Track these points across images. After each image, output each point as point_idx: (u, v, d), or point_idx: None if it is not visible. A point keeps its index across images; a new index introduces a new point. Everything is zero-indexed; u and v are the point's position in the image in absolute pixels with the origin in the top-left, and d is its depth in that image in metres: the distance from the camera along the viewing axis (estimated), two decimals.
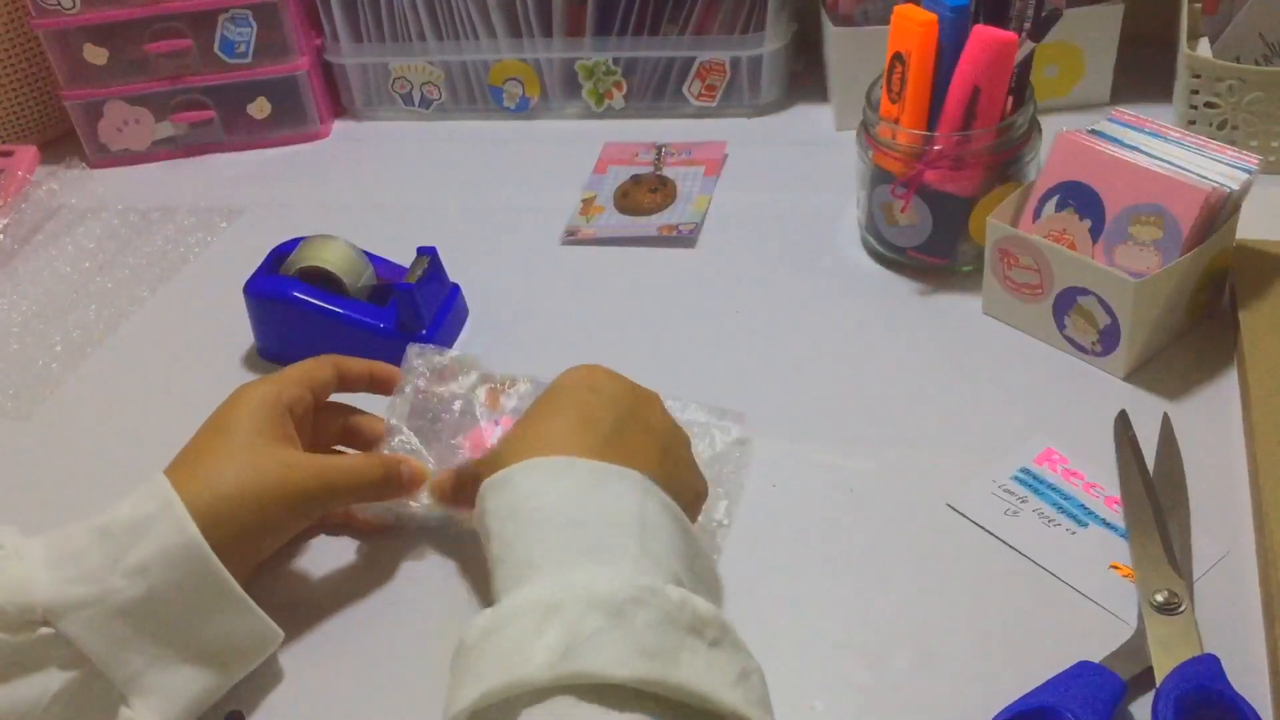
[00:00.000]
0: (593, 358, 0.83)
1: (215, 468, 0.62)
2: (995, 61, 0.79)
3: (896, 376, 0.79)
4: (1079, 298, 0.76)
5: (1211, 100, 0.91)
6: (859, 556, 0.67)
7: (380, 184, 1.08)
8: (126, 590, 0.57)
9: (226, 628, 0.60)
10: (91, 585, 0.57)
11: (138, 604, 0.57)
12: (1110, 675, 0.57)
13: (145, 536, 0.58)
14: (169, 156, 1.14)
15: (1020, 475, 0.70)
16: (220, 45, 1.09)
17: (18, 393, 0.87)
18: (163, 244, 1.01)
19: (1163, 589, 0.61)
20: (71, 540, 0.58)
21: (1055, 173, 0.78)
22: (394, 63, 1.13)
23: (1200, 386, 0.75)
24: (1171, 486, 0.67)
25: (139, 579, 0.57)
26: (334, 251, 0.85)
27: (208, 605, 0.59)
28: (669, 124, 1.10)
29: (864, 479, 0.71)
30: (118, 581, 0.57)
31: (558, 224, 0.98)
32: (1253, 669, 0.58)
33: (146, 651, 0.58)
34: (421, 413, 0.71)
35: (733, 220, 0.96)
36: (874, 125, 0.85)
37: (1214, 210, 0.73)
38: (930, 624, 0.63)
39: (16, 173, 1.08)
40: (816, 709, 0.59)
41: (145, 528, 0.58)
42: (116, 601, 0.57)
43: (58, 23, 1.07)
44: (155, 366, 0.88)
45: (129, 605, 0.57)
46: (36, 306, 0.95)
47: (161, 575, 0.58)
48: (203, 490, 0.60)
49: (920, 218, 0.84)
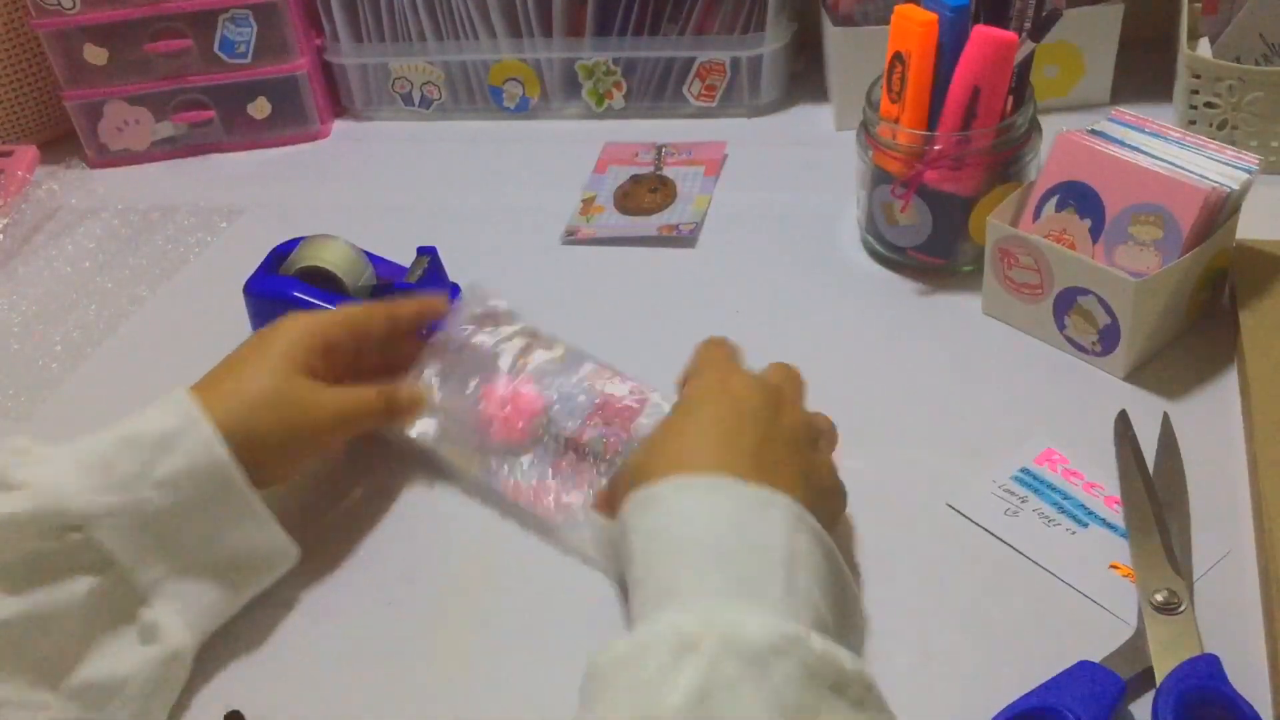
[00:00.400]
0: None
1: (243, 386, 0.65)
2: (995, 61, 0.79)
3: (896, 376, 0.79)
4: (1079, 298, 0.76)
5: (1211, 100, 0.91)
6: (859, 556, 0.67)
7: (380, 184, 1.08)
8: (155, 501, 0.60)
9: (247, 541, 0.64)
10: (123, 494, 0.60)
11: (165, 515, 0.60)
12: (1110, 675, 0.57)
13: (174, 451, 0.61)
14: (169, 156, 1.14)
15: (1020, 475, 0.70)
16: (220, 45, 1.09)
17: (18, 393, 0.87)
18: (163, 244, 1.01)
19: (1163, 589, 0.61)
20: (99, 448, 0.61)
21: (1055, 173, 0.78)
22: (394, 63, 1.13)
23: (1200, 386, 0.75)
24: (1171, 486, 0.67)
25: (169, 491, 0.60)
26: (334, 251, 0.84)
27: (231, 520, 0.63)
28: (669, 124, 1.10)
29: (864, 479, 0.71)
30: (148, 492, 0.60)
31: (558, 224, 0.98)
32: (1253, 669, 0.58)
33: (169, 559, 0.61)
34: (453, 350, 0.74)
35: (733, 220, 0.96)
36: (874, 125, 0.85)
37: (1214, 210, 0.73)
38: (930, 624, 0.63)
39: (16, 173, 1.08)
40: None
41: (173, 442, 0.61)
42: (146, 511, 0.60)
43: (58, 23, 1.07)
44: (155, 366, 0.88)
45: (157, 516, 0.60)
46: (36, 306, 0.95)
47: (190, 490, 0.61)
48: (229, 407, 0.63)
49: (920, 218, 0.84)
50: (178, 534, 0.61)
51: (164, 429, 0.62)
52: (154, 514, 0.60)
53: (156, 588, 0.61)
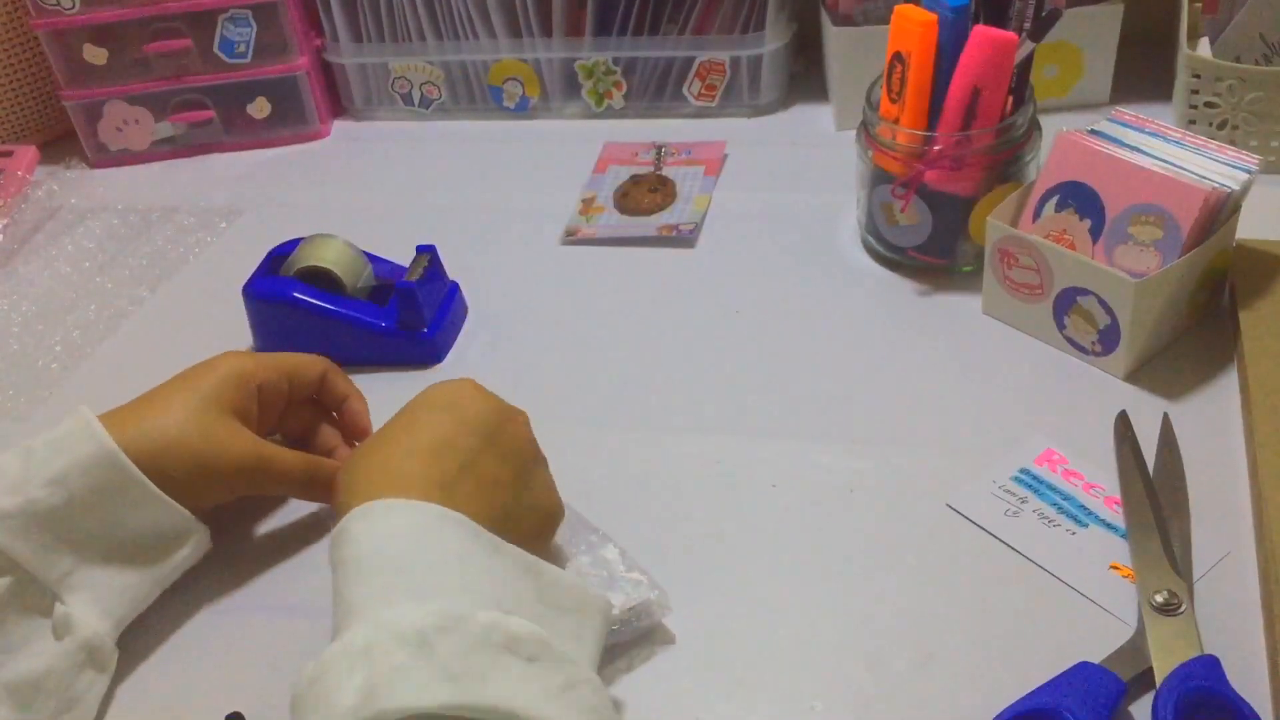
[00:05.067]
0: (592, 357, 0.84)
1: (154, 413, 0.65)
2: (995, 61, 0.79)
3: (896, 376, 0.79)
4: (1079, 298, 0.76)
5: (1211, 100, 0.91)
6: (859, 556, 0.67)
7: (380, 184, 1.08)
8: (47, 499, 0.61)
9: (149, 524, 0.64)
10: (14, 497, 0.61)
11: (59, 510, 0.62)
12: (1110, 676, 0.57)
13: (63, 451, 0.62)
14: (169, 156, 1.14)
15: (1020, 475, 0.70)
16: (220, 45, 1.09)
17: (18, 393, 0.87)
18: (163, 244, 1.01)
19: (1163, 589, 0.61)
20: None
21: (1055, 173, 0.78)
22: (394, 63, 1.13)
23: (1200, 386, 0.75)
24: (1171, 486, 0.67)
25: (58, 488, 0.62)
26: (333, 251, 0.85)
27: (128, 506, 0.63)
28: (669, 124, 1.10)
29: (864, 479, 0.71)
30: (38, 492, 0.61)
31: (558, 224, 0.98)
32: (1253, 669, 0.58)
33: (73, 552, 0.62)
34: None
35: (733, 220, 0.96)
36: (874, 125, 0.85)
37: (1214, 210, 0.73)
38: (930, 624, 0.63)
39: (16, 173, 1.08)
40: (816, 709, 0.59)
41: (63, 443, 0.63)
42: (38, 510, 0.61)
43: (58, 23, 1.07)
44: (155, 367, 0.88)
45: (51, 512, 0.61)
46: (36, 306, 0.95)
47: (79, 482, 0.62)
48: (138, 431, 0.64)
49: (920, 218, 0.84)
50: (76, 527, 0.62)
51: (56, 434, 0.63)
52: (47, 511, 0.61)
53: (66, 581, 0.62)
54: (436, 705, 0.47)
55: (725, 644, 0.63)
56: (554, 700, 0.49)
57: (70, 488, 0.62)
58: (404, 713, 0.47)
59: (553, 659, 0.51)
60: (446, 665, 0.48)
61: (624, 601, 0.62)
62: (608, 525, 0.67)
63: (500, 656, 0.50)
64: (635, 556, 0.65)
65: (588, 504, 0.68)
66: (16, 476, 0.62)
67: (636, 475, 0.73)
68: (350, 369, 0.76)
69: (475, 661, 0.49)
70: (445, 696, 0.47)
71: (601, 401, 0.80)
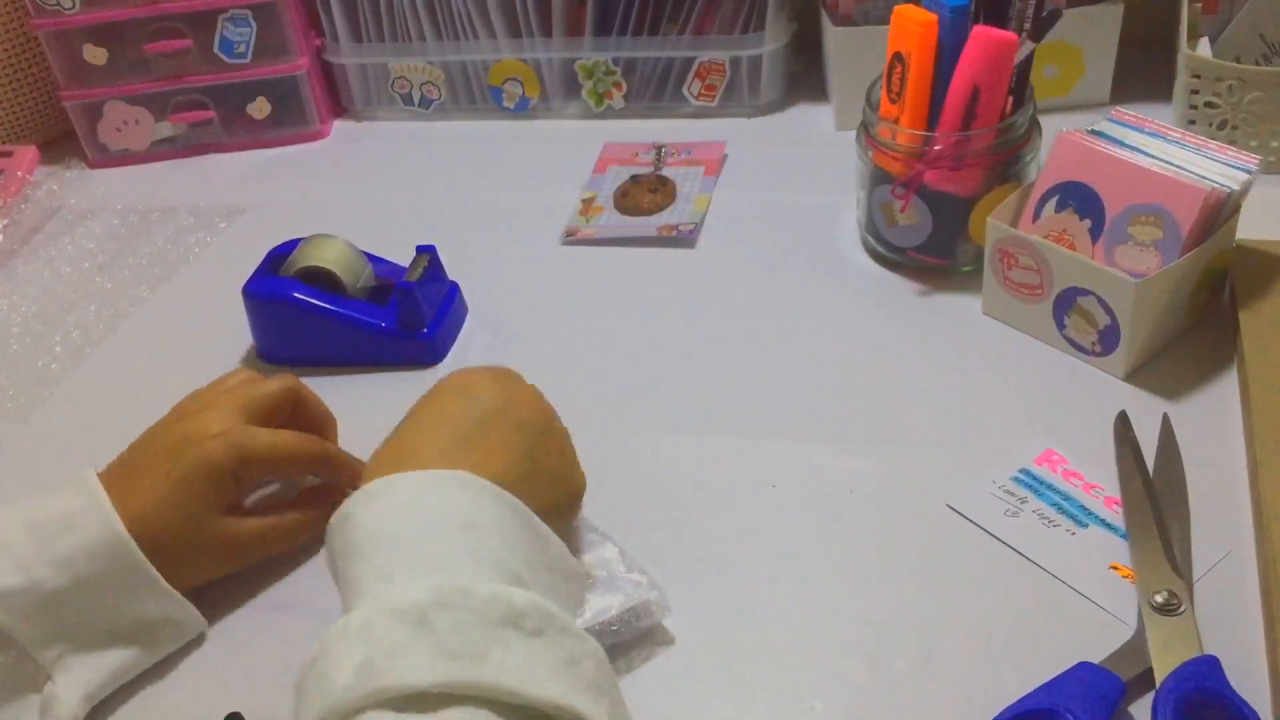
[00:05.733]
0: (592, 357, 0.83)
1: (153, 499, 0.64)
2: (995, 61, 0.79)
3: (896, 376, 0.79)
4: (1079, 298, 0.76)
5: (1211, 100, 0.91)
6: (859, 556, 0.67)
7: (380, 184, 1.08)
8: (52, 580, 0.60)
9: (150, 614, 0.64)
10: (21, 575, 0.60)
11: (63, 593, 0.61)
12: (1110, 676, 0.57)
13: (73, 530, 0.61)
14: (169, 156, 1.14)
15: (1020, 476, 0.70)
16: (220, 45, 1.09)
17: (18, 393, 0.87)
18: (163, 244, 1.01)
19: (1163, 589, 0.61)
20: (3, 531, 0.61)
21: (1055, 173, 0.78)
22: (394, 63, 1.13)
23: (1200, 386, 0.75)
24: (1171, 486, 0.67)
25: (64, 570, 0.61)
26: (333, 251, 0.85)
27: (130, 595, 0.63)
28: (669, 124, 1.10)
29: (864, 479, 0.71)
30: (44, 571, 0.60)
31: (558, 224, 0.98)
32: (1253, 669, 0.58)
33: (70, 635, 0.61)
34: None
35: (733, 220, 0.96)
36: (874, 125, 0.85)
37: (1214, 210, 0.73)
38: (930, 624, 0.63)
39: (16, 173, 1.08)
40: (816, 709, 0.59)
41: (72, 521, 0.62)
42: (43, 591, 0.60)
43: (57, 23, 1.07)
44: (155, 367, 0.88)
45: (55, 594, 0.60)
46: (36, 307, 0.95)
47: (86, 566, 0.61)
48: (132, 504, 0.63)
49: (920, 218, 0.84)
50: (78, 609, 0.61)
51: (65, 509, 0.62)
52: (51, 592, 0.60)
53: (58, 663, 0.61)
54: (434, 683, 0.46)
55: (725, 644, 0.63)
56: (556, 677, 0.48)
57: (76, 571, 0.61)
58: (401, 690, 0.46)
59: (557, 632, 0.50)
60: (445, 642, 0.48)
61: (624, 602, 0.62)
62: (607, 525, 0.67)
63: (501, 631, 0.49)
64: (635, 556, 0.65)
65: (588, 504, 0.68)
66: (25, 555, 0.60)
67: (636, 475, 0.73)
68: (350, 369, 0.76)
69: (475, 637, 0.48)
70: (443, 674, 0.47)
71: (601, 401, 0.80)
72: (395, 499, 0.55)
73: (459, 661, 0.47)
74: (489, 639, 0.48)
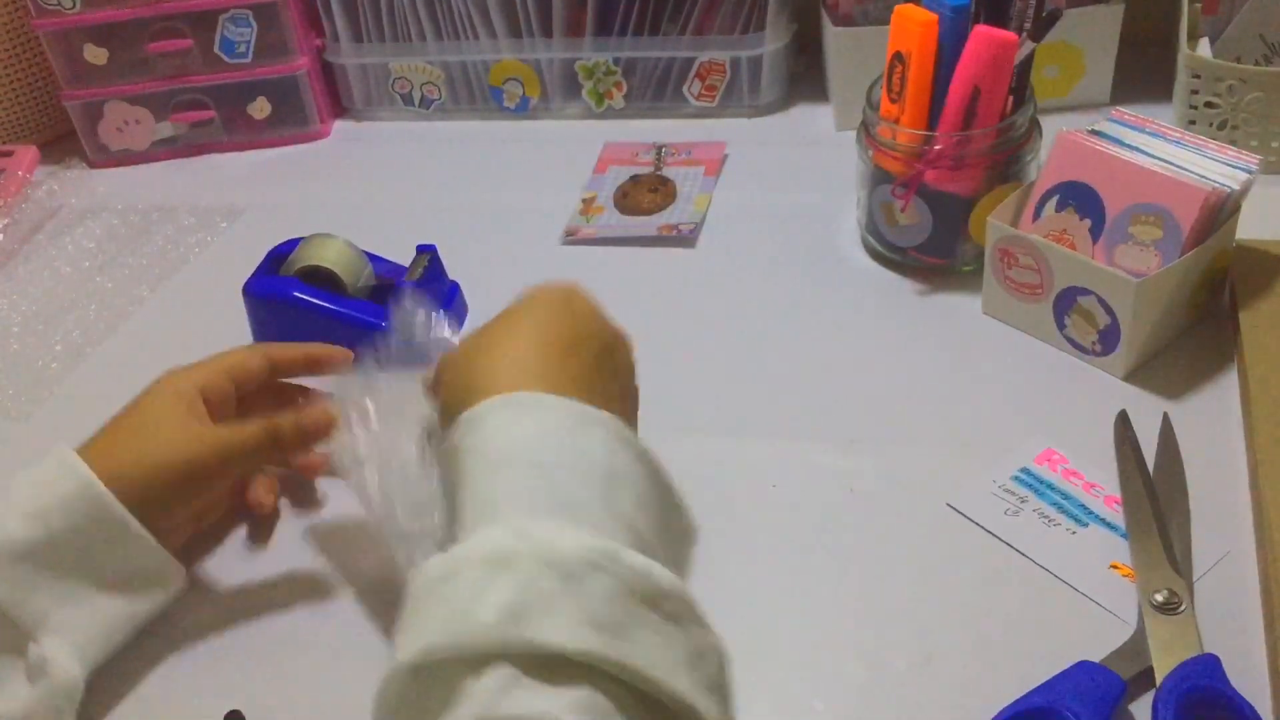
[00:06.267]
0: None
1: (122, 442, 0.65)
2: (995, 61, 0.79)
3: (896, 376, 0.79)
4: (1079, 298, 0.76)
5: (1211, 100, 0.91)
6: (859, 556, 0.67)
7: (380, 184, 1.08)
8: (26, 534, 0.61)
9: (129, 563, 0.64)
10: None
11: (37, 546, 0.61)
12: (1110, 675, 0.57)
13: (42, 487, 0.62)
14: (169, 156, 1.14)
15: (1020, 475, 0.70)
16: (220, 45, 1.09)
17: (18, 393, 0.87)
18: (163, 244, 1.01)
19: (1163, 589, 0.61)
20: None
21: (1055, 173, 0.78)
22: (394, 63, 1.13)
23: (1200, 386, 0.75)
24: (1171, 486, 0.67)
25: (36, 523, 0.61)
26: (333, 251, 0.85)
27: (107, 542, 0.63)
28: (669, 124, 1.10)
29: (864, 479, 0.71)
30: (15, 525, 0.61)
31: (558, 224, 0.98)
32: (1253, 669, 0.58)
33: (51, 590, 0.61)
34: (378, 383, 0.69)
35: (733, 220, 0.96)
36: (874, 125, 0.85)
37: (1214, 210, 0.73)
38: (930, 624, 0.63)
39: (16, 173, 1.08)
40: (816, 709, 0.59)
41: (42, 480, 0.62)
42: (15, 545, 0.60)
43: (58, 23, 1.07)
44: (155, 367, 0.88)
45: (28, 548, 0.61)
46: (36, 306, 0.95)
47: (60, 519, 0.61)
48: (108, 460, 0.64)
49: (920, 218, 0.84)
50: (56, 563, 0.61)
51: (35, 474, 0.63)
52: (27, 547, 0.60)
53: (44, 621, 0.61)
54: (581, 652, 0.43)
55: (725, 643, 0.63)
56: (685, 670, 0.45)
57: (49, 523, 0.61)
58: (543, 649, 0.43)
59: (691, 620, 0.47)
60: (595, 610, 0.44)
61: None
62: None
63: (642, 610, 0.46)
64: None
65: None
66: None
67: None
68: (350, 369, 0.76)
69: (621, 611, 0.45)
70: (590, 644, 0.43)
71: None
72: (543, 421, 0.52)
73: (604, 634, 0.44)
74: (632, 616, 0.45)
